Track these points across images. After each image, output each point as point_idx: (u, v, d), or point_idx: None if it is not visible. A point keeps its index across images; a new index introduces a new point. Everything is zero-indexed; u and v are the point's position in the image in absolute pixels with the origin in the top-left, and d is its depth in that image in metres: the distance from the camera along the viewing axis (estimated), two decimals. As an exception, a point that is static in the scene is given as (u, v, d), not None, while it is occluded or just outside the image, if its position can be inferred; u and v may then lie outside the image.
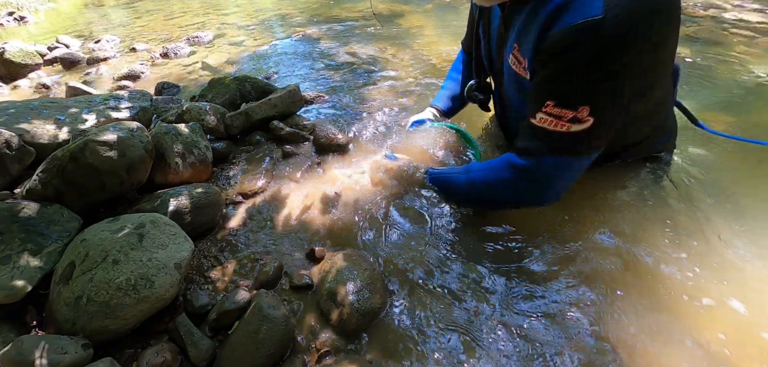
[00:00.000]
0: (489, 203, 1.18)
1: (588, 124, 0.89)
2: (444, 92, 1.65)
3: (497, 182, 1.09)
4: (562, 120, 0.90)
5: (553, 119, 0.92)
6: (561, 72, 0.89)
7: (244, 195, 1.41)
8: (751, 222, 1.11)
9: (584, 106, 0.87)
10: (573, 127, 0.90)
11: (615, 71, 0.84)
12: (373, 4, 3.77)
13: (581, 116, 0.88)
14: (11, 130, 1.35)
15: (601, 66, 0.84)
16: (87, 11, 5.83)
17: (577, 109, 0.88)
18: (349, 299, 0.95)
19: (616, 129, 0.96)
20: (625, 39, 0.81)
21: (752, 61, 2.09)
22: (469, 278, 1.03)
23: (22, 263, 0.97)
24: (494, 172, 1.11)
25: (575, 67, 0.86)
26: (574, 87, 0.88)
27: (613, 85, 0.86)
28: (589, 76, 0.85)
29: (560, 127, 0.91)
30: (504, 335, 0.90)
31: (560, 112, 0.90)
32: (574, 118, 0.89)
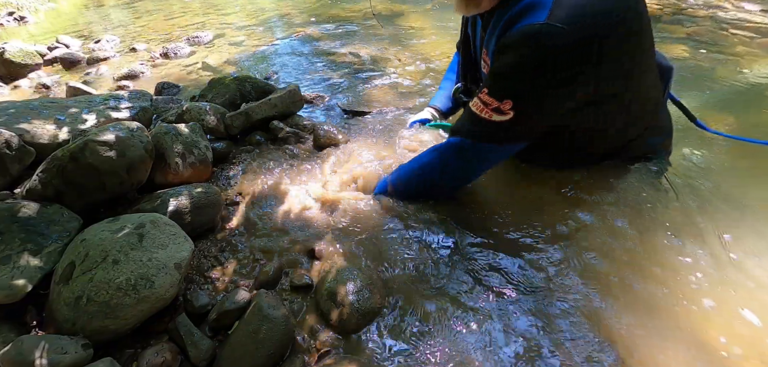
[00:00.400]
0: (422, 188, 1.23)
1: (508, 117, 0.98)
2: (442, 92, 1.66)
3: (423, 163, 1.19)
4: (488, 108, 1.00)
5: (482, 105, 1.01)
6: (499, 66, 0.99)
7: (243, 195, 1.41)
8: (750, 221, 1.11)
9: (508, 100, 0.96)
10: (494, 117, 0.99)
11: (544, 75, 0.92)
12: (373, 4, 3.77)
13: (504, 108, 0.97)
14: (11, 130, 1.35)
15: (529, 67, 0.92)
16: (87, 11, 5.83)
17: (501, 101, 0.97)
18: (349, 299, 0.95)
19: (538, 129, 1.05)
20: (558, 49, 0.88)
21: (752, 61, 2.09)
22: (469, 278, 1.03)
23: (22, 263, 0.97)
24: (421, 157, 1.21)
25: (509, 63, 0.95)
26: (504, 81, 0.98)
27: (539, 88, 0.94)
28: (518, 74, 0.94)
29: (484, 113, 1.01)
30: (503, 335, 0.90)
31: (488, 100, 0.99)
32: (497, 108, 0.98)
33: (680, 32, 2.55)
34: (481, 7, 1.07)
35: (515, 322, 0.93)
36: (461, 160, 1.12)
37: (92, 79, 2.87)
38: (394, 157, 1.48)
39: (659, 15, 2.93)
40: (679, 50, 2.28)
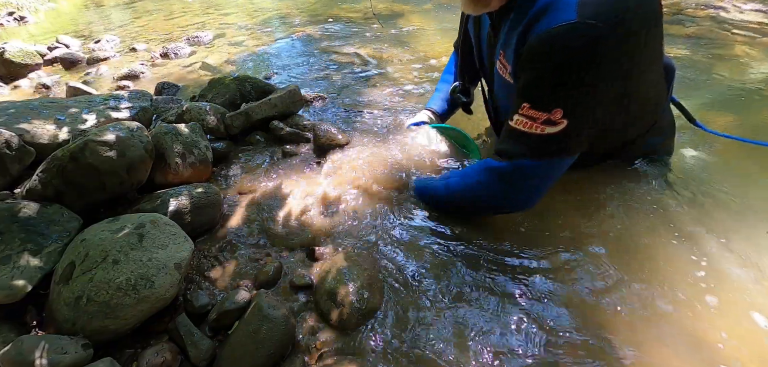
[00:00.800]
0: (470, 208, 1.17)
1: (562, 126, 0.90)
2: (438, 95, 1.66)
3: (475, 186, 1.10)
4: (536, 122, 0.92)
5: (528, 121, 0.93)
6: (535, 74, 0.91)
7: (243, 195, 1.41)
8: (752, 221, 1.11)
9: (557, 109, 0.89)
10: (547, 130, 0.92)
11: (587, 74, 0.86)
12: (373, 4, 3.77)
13: (555, 118, 0.90)
14: (11, 130, 1.35)
15: (573, 69, 0.86)
16: (87, 11, 5.82)
17: (550, 112, 0.90)
18: (349, 299, 0.95)
19: (592, 132, 0.97)
20: (596, 44, 0.83)
21: (752, 61, 2.09)
22: (469, 279, 1.03)
23: (22, 263, 0.97)
24: (471, 177, 1.12)
25: (548, 69, 0.88)
26: (547, 89, 0.90)
27: (586, 88, 0.88)
28: (561, 78, 0.88)
29: (534, 129, 0.93)
30: (503, 335, 0.90)
31: (534, 114, 0.92)
32: (547, 120, 0.91)
33: (680, 32, 2.55)
34: (490, 6, 1.01)
35: (515, 322, 0.93)
36: (521, 184, 1.03)
37: (92, 79, 2.87)
38: (395, 157, 1.48)
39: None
40: (679, 50, 2.28)
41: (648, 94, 1.05)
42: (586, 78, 0.87)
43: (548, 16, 0.87)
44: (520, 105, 0.95)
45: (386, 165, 1.45)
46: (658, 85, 1.09)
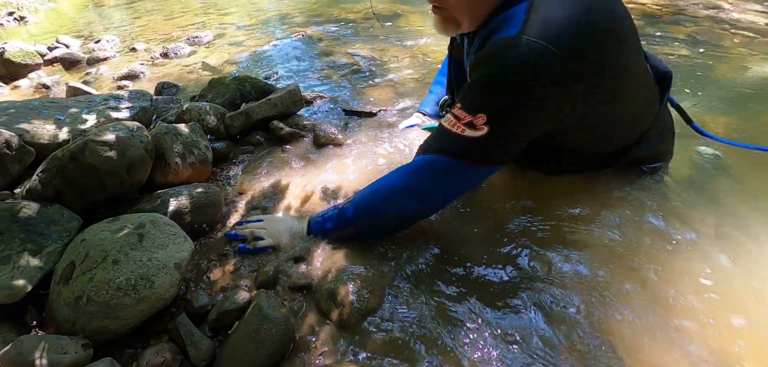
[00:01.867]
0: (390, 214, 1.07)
1: (482, 132, 0.90)
2: (432, 97, 1.66)
3: (383, 190, 1.06)
4: (460, 122, 0.93)
5: (454, 119, 0.94)
6: (473, 79, 0.95)
7: (244, 195, 1.41)
8: (753, 224, 1.11)
9: (481, 114, 0.89)
10: (467, 132, 0.92)
11: (517, 88, 0.87)
12: (373, 4, 3.77)
13: (477, 123, 0.90)
14: (11, 130, 1.35)
15: (502, 80, 0.88)
16: (87, 11, 5.83)
17: (474, 115, 0.90)
18: (349, 299, 0.95)
19: (516, 149, 0.97)
20: (531, 61, 0.84)
21: (752, 61, 2.09)
22: (469, 279, 1.03)
23: (22, 263, 0.97)
24: (385, 178, 1.08)
25: (483, 76, 0.92)
26: (475, 93, 0.93)
27: (515, 101, 0.88)
28: (490, 87, 0.90)
29: (455, 128, 0.93)
30: (504, 335, 0.90)
31: (460, 115, 0.93)
32: (470, 123, 0.91)
33: (680, 32, 2.55)
34: (461, 29, 1.05)
35: (515, 323, 0.93)
36: (427, 182, 1.00)
37: (92, 79, 2.87)
38: (395, 157, 1.48)
39: (659, 15, 2.93)
40: (679, 50, 2.28)
41: (621, 111, 1.04)
42: (515, 92, 0.87)
43: (498, 31, 0.91)
44: (455, 105, 0.97)
45: (386, 165, 1.45)
46: (638, 98, 1.07)
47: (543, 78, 0.86)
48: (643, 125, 1.12)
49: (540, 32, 0.84)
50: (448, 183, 1.01)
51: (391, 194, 1.05)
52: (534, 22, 0.85)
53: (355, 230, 1.09)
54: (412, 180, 1.02)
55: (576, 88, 0.91)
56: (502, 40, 0.87)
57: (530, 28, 0.84)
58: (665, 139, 1.25)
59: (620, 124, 1.08)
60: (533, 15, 0.86)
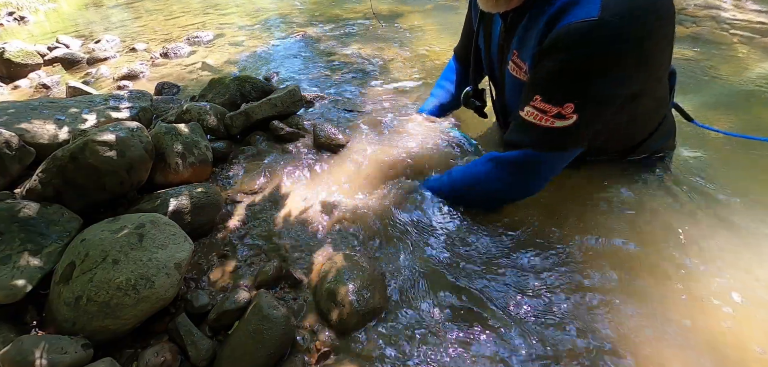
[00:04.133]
0: (476, 199, 1.17)
1: (571, 120, 0.92)
2: (433, 100, 1.67)
3: (480, 176, 1.12)
4: (547, 115, 0.93)
5: (539, 113, 0.95)
6: (552, 68, 0.91)
7: (244, 195, 1.41)
8: (757, 218, 1.11)
9: (569, 103, 0.90)
10: (557, 123, 0.93)
11: (604, 72, 0.87)
12: (373, 4, 3.76)
13: (565, 113, 0.91)
14: (11, 130, 1.35)
15: (590, 66, 0.86)
16: (87, 11, 5.82)
17: (562, 106, 0.91)
18: (349, 299, 0.95)
19: (601, 129, 0.99)
20: (616, 43, 0.83)
21: (752, 61, 2.09)
22: (470, 279, 1.03)
23: (22, 263, 0.97)
24: (476, 167, 1.14)
25: (565, 64, 0.88)
26: (562, 84, 0.90)
27: (601, 85, 0.88)
28: (578, 74, 0.88)
29: (544, 122, 0.95)
30: (504, 335, 0.90)
31: (546, 107, 0.93)
32: (558, 114, 0.92)
33: (680, 32, 2.55)
34: (511, 4, 1.01)
35: (516, 323, 0.92)
36: (526, 173, 1.06)
37: (92, 79, 2.87)
38: (394, 157, 1.48)
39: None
40: (679, 50, 2.28)
41: (656, 96, 1.06)
42: (602, 76, 0.87)
43: (571, 11, 0.86)
44: (532, 97, 0.95)
45: (386, 164, 1.45)
46: (664, 89, 1.09)
47: (629, 60, 0.86)
48: (659, 117, 1.15)
49: (620, 14, 0.81)
50: (541, 173, 1.06)
51: (482, 186, 1.12)
52: (611, 4, 0.81)
53: (454, 204, 1.20)
54: (504, 174, 1.07)
55: (644, 67, 0.91)
56: (582, 24, 0.83)
57: (609, 8, 0.81)
58: (671, 135, 1.27)
59: (648, 111, 1.09)
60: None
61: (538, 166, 1.04)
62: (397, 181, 1.36)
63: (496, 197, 1.14)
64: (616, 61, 0.85)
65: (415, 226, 1.19)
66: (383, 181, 1.37)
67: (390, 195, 1.31)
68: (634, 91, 0.95)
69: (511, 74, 1.12)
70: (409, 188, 1.31)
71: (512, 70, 1.10)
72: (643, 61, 0.89)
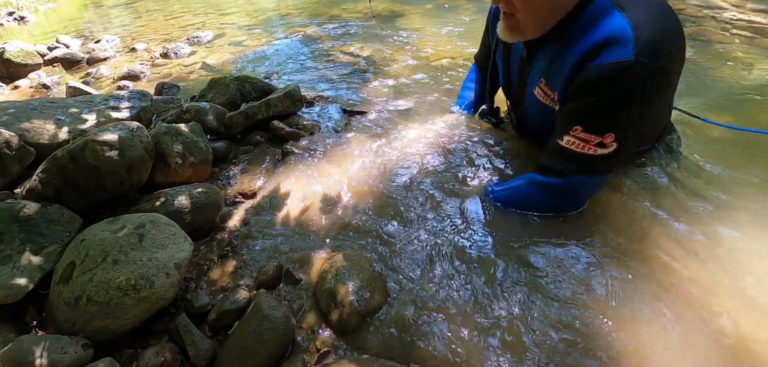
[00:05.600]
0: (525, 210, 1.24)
1: (612, 148, 1.01)
2: (465, 101, 1.72)
3: (525, 197, 1.19)
4: (589, 144, 1.02)
5: (581, 142, 1.04)
6: (591, 103, 1.00)
7: (244, 195, 1.41)
8: (760, 214, 1.11)
9: (610, 134, 1.00)
10: (599, 151, 1.02)
11: (638, 105, 0.97)
12: (372, 5, 3.77)
13: (606, 142, 1.00)
14: (11, 130, 1.35)
15: (627, 101, 0.97)
16: (87, 11, 5.83)
17: (603, 136, 1.00)
18: (349, 299, 0.95)
19: (633, 148, 1.15)
20: (649, 80, 0.94)
21: (752, 61, 2.09)
22: (470, 278, 1.03)
23: (23, 262, 0.97)
24: (521, 190, 1.20)
25: (605, 100, 0.98)
26: (603, 117, 1.00)
27: (636, 115, 0.99)
28: (617, 108, 0.98)
29: (587, 150, 1.03)
30: (505, 334, 0.90)
31: (588, 137, 1.02)
32: (600, 143, 1.01)
33: (680, 32, 2.56)
34: (525, 37, 1.11)
35: (517, 322, 0.92)
36: (571, 196, 1.15)
37: (92, 79, 2.87)
38: (394, 156, 1.48)
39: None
40: (679, 50, 2.28)
41: (666, 107, 1.21)
42: (638, 108, 0.98)
43: (607, 52, 0.96)
44: (572, 127, 1.04)
45: (386, 164, 1.45)
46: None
47: (660, 93, 1.00)
48: (666, 120, 1.28)
49: (651, 55, 0.92)
50: (586, 193, 1.16)
51: (531, 206, 1.19)
52: (642, 46, 0.91)
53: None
54: (555, 200, 1.16)
55: (666, 91, 1.05)
56: (620, 64, 0.93)
57: (642, 50, 0.91)
58: (671, 132, 1.37)
59: (662, 116, 1.24)
60: (639, 33, 0.92)
61: (583, 188, 1.14)
62: (396, 180, 1.36)
63: (548, 211, 1.21)
64: (650, 93, 0.96)
65: (415, 225, 1.19)
66: (383, 181, 1.37)
67: (390, 194, 1.31)
68: (659, 110, 1.11)
69: (536, 98, 1.20)
70: (409, 186, 1.31)
71: (539, 96, 1.19)
72: (670, 84, 1.04)
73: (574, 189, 1.13)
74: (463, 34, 2.87)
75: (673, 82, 1.05)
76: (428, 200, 1.28)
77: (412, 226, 1.19)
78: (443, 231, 1.17)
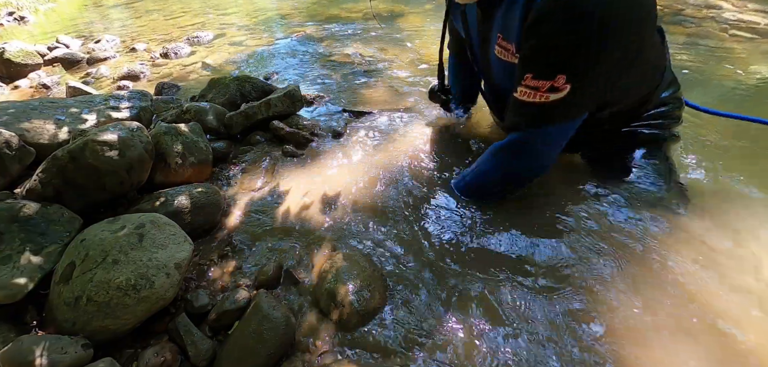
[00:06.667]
0: (501, 189, 1.19)
1: (565, 91, 0.91)
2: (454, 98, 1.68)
3: (490, 170, 1.13)
4: (540, 91, 0.94)
5: (532, 91, 0.95)
6: (538, 43, 0.91)
7: (244, 195, 1.41)
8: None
9: (560, 74, 0.90)
10: (552, 97, 0.93)
11: (590, 39, 0.86)
12: (373, 5, 3.77)
13: (558, 85, 0.91)
14: (11, 130, 1.35)
15: (576, 33, 0.85)
16: (87, 11, 5.83)
17: (553, 78, 0.91)
18: (349, 299, 0.95)
19: (596, 94, 0.98)
20: (601, 9, 0.83)
21: (753, 62, 2.09)
22: (470, 278, 1.03)
23: (23, 262, 0.97)
24: (485, 164, 1.15)
25: (551, 36, 0.88)
26: (551, 56, 0.90)
27: (589, 52, 0.88)
28: (564, 43, 0.87)
29: (539, 98, 0.95)
30: (506, 334, 0.90)
31: (538, 84, 0.93)
32: (551, 87, 0.92)
33: (680, 33, 2.55)
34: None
35: (518, 321, 0.92)
36: (531, 152, 1.07)
37: (92, 79, 2.87)
38: (394, 156, 1.48)
39: (660, 16, 2.92)
40: (679, 51, 2.28)
41: (649, 57, 1.05)
42: (591, 44, 0.87)
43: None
44: (523, 76, 0.96)
45: (386, 163, 1.45)
46: (656, 47, 1.08)
47: (614, 25, 0.86)
48: (657, 78, 1.14)
49: None
50: (549, 146, 1.06)
51: (492, 175, 1.13)
52: None
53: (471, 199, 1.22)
54: (509, 158, 1.07)
55: (634, 31, 0.91)
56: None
57: None
58: (674, 87, 1.23)
59: (645, 71, 1.09)
60: None
61: (542, 142, 1.04)
62: (396, 180, 1.36)
63: (514, 181, 1.15)
64: (602, 28, 0.85)
65: (415, 225, 1.19)
66: (383, 181, 1.37)
67: (390, 194, 1.31)
68: (624, 55, 0.93)
69: (498, 58, 1.12)
70: (409, 187, 1.31)
71: (499, 54, 1.10)
72: (631, 27, 0.89)
73: (531, 144, 1.05)
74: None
75: (642, 17, 0.90)
76: (428, 200, 1.28)
77: (413, 226, 1.20)
78: (443, 231, 1.17)
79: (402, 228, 1.19)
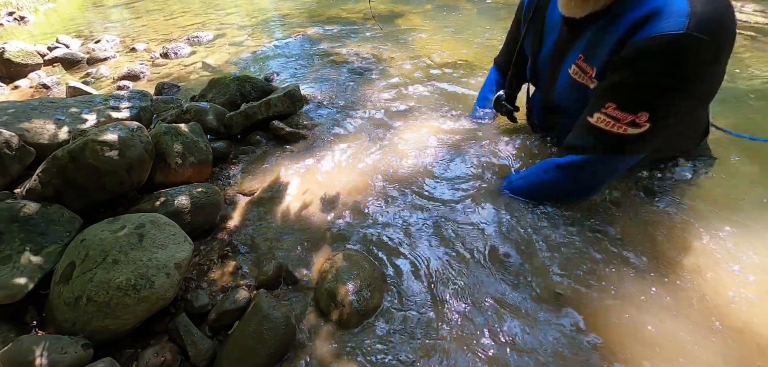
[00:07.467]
0: (551, 199, 1.20)
1: (644, 129, 0.94)
2: (481, 107, 1.67)
3: (542, 186, 1.15)
4: (620, 122, 0.96)
5: (612, 120, 0.97)
6: (631, 79, 0.93)
7: (244, 195, 1.41)
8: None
9: (644, 113, 0.92)
10: (629, 130, 0.96)
11: (684, 85, 0.88)
12: (372, 5, 3.77)
13: (639, 121, 0.93)
14: (11, 130, 1.35)
15: (671, 78, 0.87)
16: (87, 11, 5.83)
17: (636, 114, 0.93)
18: (349, 299, 0.95)
19: (666, 136, 1.00)
20: (699, 58, 0.84)
21: (753, 62, 2.09)
22: (470, 278, 1.03)
23: (23, 262, 0.97)
24: (538, 176, 1.16)
25: (647, 74, 0.90)
26: (640, 93, 0.92)
27: (677, 96, 0.90)
28: (658, 86, 0.89)
29: (617, 129, 0.97)
30: (506, 333, 0.90)
31: (620, 115, 0.95)
32: (632, 122, 0.94)
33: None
34: (598, 6, 1.01)
35: (519, 320, 0.92)
36: (594, 176, 1.09)
37: (92, 79, 2.87)
38: (394, 156, 1.48)
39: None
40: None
41: (707, 107, 1.09)
42: (681, 89, 0.88)
43: (656, 21, 0.86)
44: (605, 104, 0.97)
45: (386, 164, 1.45)
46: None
47: (706, 75, 0.89)
48: (706, 123, 1.19)
49: (705, 30, 0.82)
50: (602, 177, 1.10)
51: (551, 188, 1.15)
52: (698, 19, 0.82)
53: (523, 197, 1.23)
54: (572, 177, 1.10)
55: (711, 79, 0.93)
56: (668, 36, 0.83)
57: (696, 24, 0.81)
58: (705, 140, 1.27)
59: (701, 119, 1.14)
60: (695, 6, 0.83)
61: (601, 170, 1.07)
62: (396, 179, 1.36)
63: (562, 198, 1.18)
64: (696, 75, 0.87)
65: (415, 225, 1.19)
66: (383, 181, 1.37)
67: (390, 194, 1.31)
68: (702, 99, 0.98)
69: (570, 77, 1.13)
70: (409, 187, 1.31)
71: (574, 74, 1.12)
72: (716, 75, 0.92)
73: (593, 168, 1.07)
74: (463, 34, 2.87)
75: (721, 70, 0.92)
76: (429, 200, 1.28)
77: (413, 225, 1.20)
78: (444, 230, 1.17)
79: (402, 228, 1.19)
